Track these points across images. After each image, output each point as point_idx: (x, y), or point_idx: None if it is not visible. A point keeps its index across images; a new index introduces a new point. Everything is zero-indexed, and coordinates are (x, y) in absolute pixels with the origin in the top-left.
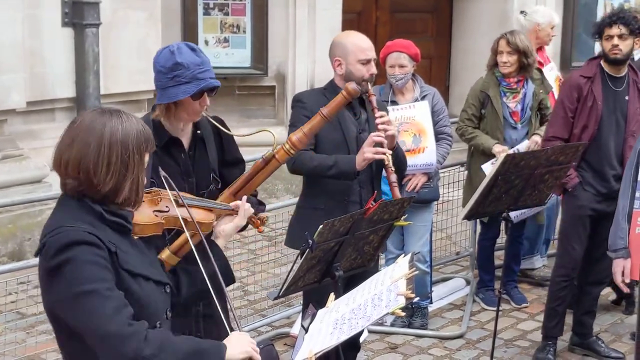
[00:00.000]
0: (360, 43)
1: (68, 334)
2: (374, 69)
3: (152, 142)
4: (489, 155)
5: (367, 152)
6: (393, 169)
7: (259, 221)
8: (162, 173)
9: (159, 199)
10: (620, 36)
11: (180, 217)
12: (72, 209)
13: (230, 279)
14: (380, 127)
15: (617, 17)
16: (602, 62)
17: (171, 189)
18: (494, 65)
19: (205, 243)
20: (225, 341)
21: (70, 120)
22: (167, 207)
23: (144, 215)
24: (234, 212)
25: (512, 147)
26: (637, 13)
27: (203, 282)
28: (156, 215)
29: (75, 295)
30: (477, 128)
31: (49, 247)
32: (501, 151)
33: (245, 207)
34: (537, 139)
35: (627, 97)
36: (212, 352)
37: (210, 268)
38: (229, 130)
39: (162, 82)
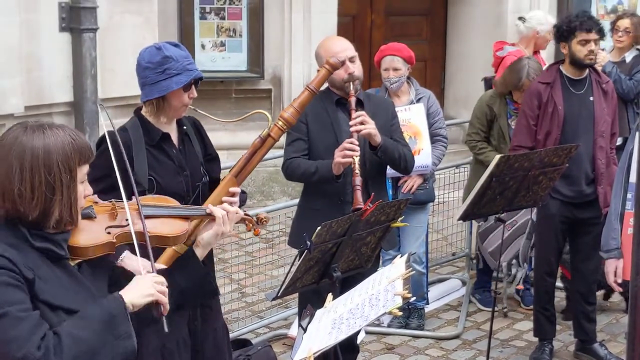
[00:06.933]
0: (330, 47)
1: None
2: (351, 69)
3: (86, 153)
4: None
5: (336, 157)
6: (358, 172)
7: (251, 224)
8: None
9: (115, 213)
10: (595, 41)
11: (133, 234)
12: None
13: (206, 292)
14: (352, 129)
15: (593, 22)
16: (561, 67)
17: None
18: (507, 93)
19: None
20: (126, 288)
21: (66, 124)
22: (126, 220)
23: (92, 235)
24: (210, 217)
25: None
26: (634, 16)
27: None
28: (108, 233)
29: None
30: (487, 138)
31: None
32: None
33: (229, 211)
34: None
35: (591, 98)
36: (116, 314)
37: (180, 282)
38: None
39: (150, 77)
